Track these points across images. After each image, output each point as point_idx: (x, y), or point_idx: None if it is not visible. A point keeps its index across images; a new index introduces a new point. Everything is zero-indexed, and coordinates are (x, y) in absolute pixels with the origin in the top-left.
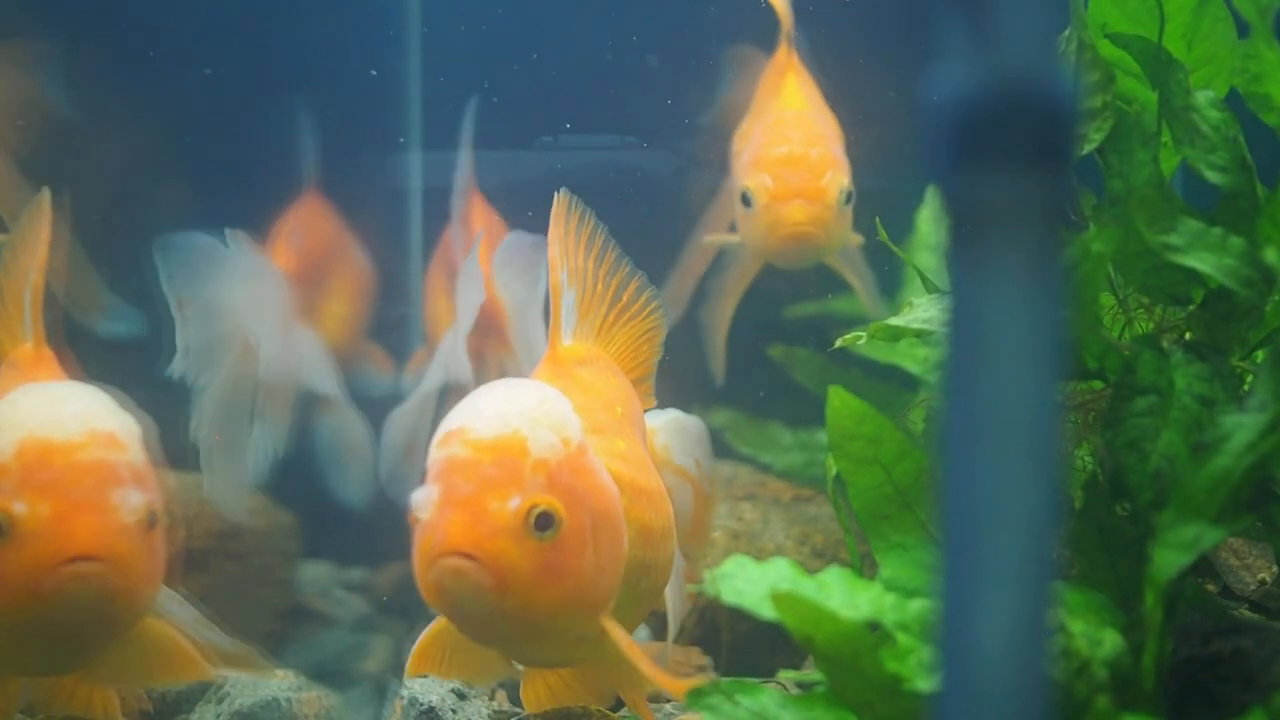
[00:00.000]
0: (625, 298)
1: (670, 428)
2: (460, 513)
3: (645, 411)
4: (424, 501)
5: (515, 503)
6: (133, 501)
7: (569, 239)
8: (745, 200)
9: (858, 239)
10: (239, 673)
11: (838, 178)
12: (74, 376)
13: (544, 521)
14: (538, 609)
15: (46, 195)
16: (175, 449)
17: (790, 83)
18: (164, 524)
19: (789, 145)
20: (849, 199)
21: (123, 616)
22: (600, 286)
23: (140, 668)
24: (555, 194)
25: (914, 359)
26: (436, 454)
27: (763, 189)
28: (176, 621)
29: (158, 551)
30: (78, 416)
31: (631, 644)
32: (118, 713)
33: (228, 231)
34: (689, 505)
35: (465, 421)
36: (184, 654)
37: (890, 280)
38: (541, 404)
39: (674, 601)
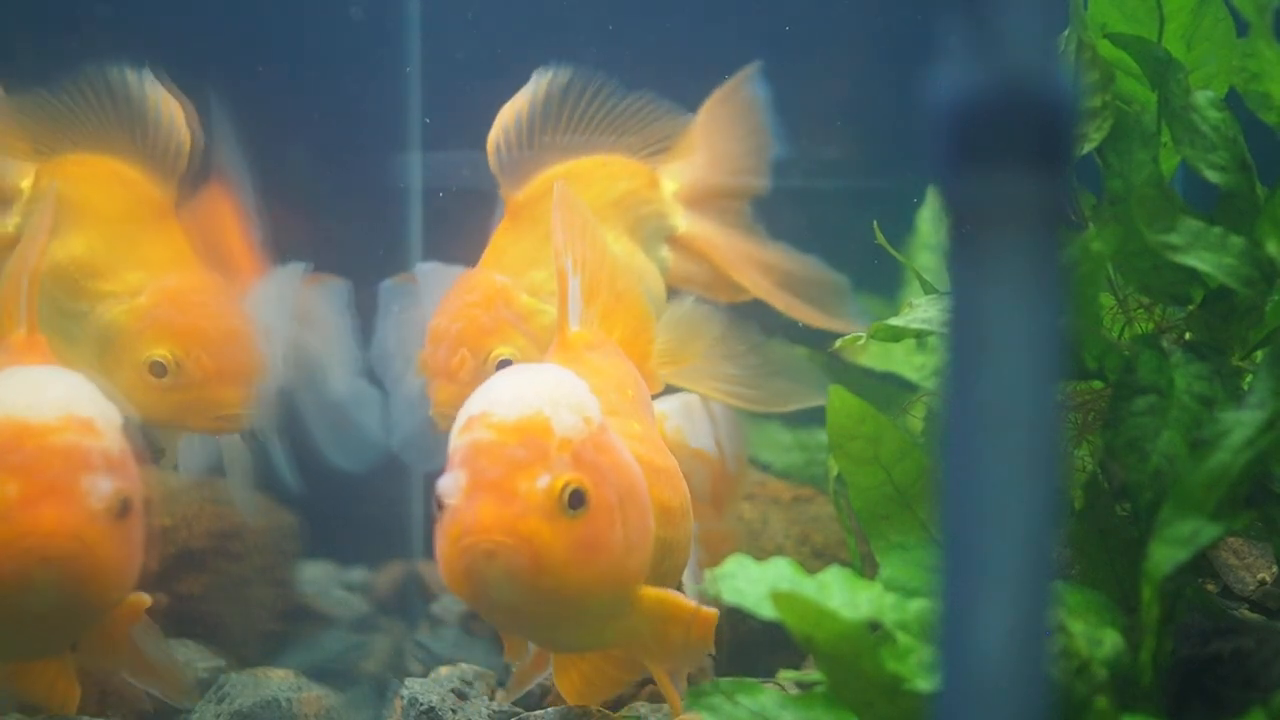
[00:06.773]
0: (620, 285)
1: (681, 411)
2: (490, 496)
3: (654, 397)
4: (451, 487)
5: (544, 482)
6: (103, 488)
7: (571, 228)
8: None
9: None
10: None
11: None
12: (65, 364)
13: (574, 499)
14: (572, 587)
15: (55, 188)
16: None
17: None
18: (141, 513)
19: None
20: None
21: (91, 602)
22: (601, 273)
23: (131, 657)
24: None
25: (910, 365)
26: (459, 440)
27: None
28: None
29: (132, 540)
30: (56, 401)
31: (668, 596)
32: (75, 704)
33: None
34: (706, 487)
35: (486, 406)
36: (170, 669)
37: (886, 280)
38: (559, 385)
39: (689, 580)
